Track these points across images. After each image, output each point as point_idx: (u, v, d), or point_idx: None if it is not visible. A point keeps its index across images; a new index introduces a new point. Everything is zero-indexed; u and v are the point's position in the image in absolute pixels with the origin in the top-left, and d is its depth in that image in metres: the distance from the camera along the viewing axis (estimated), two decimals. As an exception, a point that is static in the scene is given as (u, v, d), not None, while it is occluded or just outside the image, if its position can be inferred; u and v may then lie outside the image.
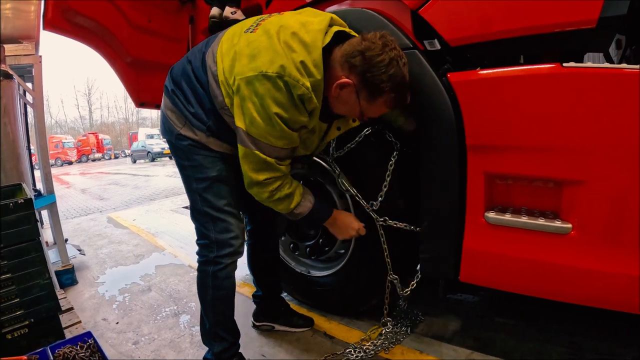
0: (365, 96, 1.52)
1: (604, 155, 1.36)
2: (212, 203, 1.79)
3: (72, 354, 1.86)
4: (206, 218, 1.80)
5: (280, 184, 1.67)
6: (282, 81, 1.44)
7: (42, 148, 3.41)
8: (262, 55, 1.47)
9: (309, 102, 1.51)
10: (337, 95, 1.56)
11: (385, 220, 1.97)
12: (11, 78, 3.15)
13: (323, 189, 2.26)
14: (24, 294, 1.99)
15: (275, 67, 1.43)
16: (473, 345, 2.03)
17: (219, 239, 1.80)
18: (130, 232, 5.29)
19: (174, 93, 1.75)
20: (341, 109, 1.64)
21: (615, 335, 1.99)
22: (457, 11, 1.57)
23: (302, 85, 1.45)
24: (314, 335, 2.27)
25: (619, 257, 1.40)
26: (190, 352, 2.21)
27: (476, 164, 1.60)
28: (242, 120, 1.53)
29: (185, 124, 1.73)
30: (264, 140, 1.54)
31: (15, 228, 1.97)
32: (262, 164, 1.60)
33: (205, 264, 1.85)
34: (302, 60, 1.45)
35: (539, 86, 1.42)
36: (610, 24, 1.32)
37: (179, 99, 1.73)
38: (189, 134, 1.73)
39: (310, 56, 1.46)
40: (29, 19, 3.35)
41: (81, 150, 37.34)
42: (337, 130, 1.87)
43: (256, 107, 1.49)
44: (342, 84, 1.51)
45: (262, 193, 1.68)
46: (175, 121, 1.75)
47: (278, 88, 1.45)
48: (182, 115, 1.73)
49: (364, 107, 1.56)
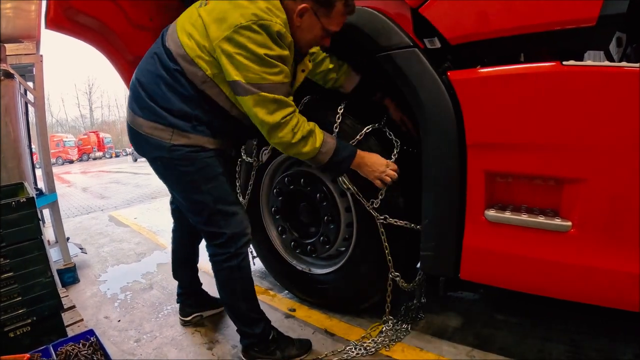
0: (323, 12, 1.71)
1: (604, 154, 1.36)
2: (225, 199, 1.87)
3: (74, 351, 1.87)
4: (220, 216, 1.86)
5: (297, 120, 1.74)
6: (257, 25, 1.58)
7: (44, 147, 3.42)
8: (230, 15, 1.60)
9: (285, 37, 1.66)
10: (300, 25, 1.73)
11: (385, 219, 1.98)
12: (12, 77, 3.16)
13: (324, 186, 2.26)
14: (26, 293, 2.00)
15: (248, 17, 1.57)
16: (473, 343, 2.03)
17: (236, 232, 1.88)
18: (131, 231, 5.30)
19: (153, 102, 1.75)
20: (307, 36, 1.78)
21: (615, 333, 1.99)
22: (458, 9, 1.57)
23: (276, 23, 1.61)
24: (314, 332, 2.27)
25: (619, 254, 1.40)
26: (192, 349, 2.22)
27: (476, 162, 1.61)
28: (237, 73, 1.62)
29: (173, 132, 1.74)
30: (264, 82, 1.63)
31: (17, 227, 1.97)
32: (274, 103, 1.67)
33: (228, 260, 1.89)
34: (266, 6, 1.62)
35: (539, 84, 1.43)
36: (611, 22, 1.33)
37: (158, 105, 1.74)
38: (182, 141, 1.76)
39: (270, 2, 1.64)
40: (30, 19, 3.36)
41: (82, 149, 37.35)
42: (302, 73, 1.97)
43: (245, 56, 1.59)
44: (300, 11, 1.69)
45: (285, 135, 1.72)
46: (162, 135, 1.76)
47: (257, 32, 1.58)
48: (167, 125, 1.74)
49: (325, 23, 1.74)
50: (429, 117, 1.69)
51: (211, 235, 1.92)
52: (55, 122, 57.35)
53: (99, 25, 2.74)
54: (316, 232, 2.38)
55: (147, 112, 1.77)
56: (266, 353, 2.00)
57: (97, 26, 2.75)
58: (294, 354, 2.02)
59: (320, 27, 1.74)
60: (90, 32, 2.80)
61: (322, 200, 2.26)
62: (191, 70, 1.69)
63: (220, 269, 1.94)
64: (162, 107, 1.74)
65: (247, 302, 2.00)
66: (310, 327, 2.35)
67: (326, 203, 2.25)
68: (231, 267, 1.91)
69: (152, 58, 1.80)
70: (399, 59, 1.72)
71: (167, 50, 1.74)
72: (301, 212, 2.46)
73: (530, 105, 1.45)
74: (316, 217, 2.37)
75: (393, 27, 1.74)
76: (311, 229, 2.45)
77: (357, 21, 1.81)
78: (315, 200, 2.30)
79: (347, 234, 2.27)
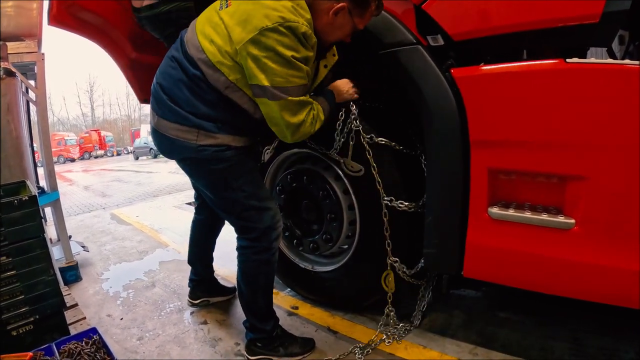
0: (358, 12, 1.70)
1: (607, 151, 1.36)
2: (256, 194, 1.89)
3: (77, 349, 1.87)
4: (252, 211, 1.88)
5: (314, 112, 1.77)
6: (284, 27, 1.55)
7: (46, 145, 3.43)
8: (254, 16, 1.58)
9: (310, 38, 1.64)
10: (333, 22, 1.72)
11: (391, 200, 1.99)
12: (14, 76, 3.15)
13: (327, 184, 2.26)
14: (29, 291, 2.00)
15: (274, 18, 1.55)
16: (476, 340, 2.03)
17: (268, 226, 1.89)
18: (133, 229, 5.30)
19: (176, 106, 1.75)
20: (337, 34, 1.78)
21: (618, 331, 1.98)
22: (460, 5, 1.57)
23: (302, 24, 1.59)
24: (317, 330, 2.27)
25: (622, 252, 1.40)
26: (195, 347, 2.22)
27: (480, 159, 1.61)
28: (265, 77, 1.60)
29: (198, 133, 1.75)
30: (290, 85, 1.63)
31: (20, 225, 1.97)
32: (298, 105, 1.69)
33: (258, 254, 1.91)
34: (292, 5, 1.61)
35: (542, 82, 1.43)
36: (614, 19, 1.33)
37: (182, 109, 1.74)
38: (208, 141, 1.76)
39: (296, 1, 1.63)
40: (32, 17, 3.36)
41: (83, 147, 37.42)
42: (324, 69, 1.99)
43: (272, 59, 1.58)
44: (337, 10, 1.68)
45: (306, 129, 1.75)
46: (187, 136, 1.76)
47: (283, 34, 1.56)
48: (192, 126, 1.74)
49: (357, 22, 1.73)
50: (432, 115, 1.69)
51: (243, 230, 1.93)
52: (56, 120, 57.48)
53: (102, 22, 2.74)
54: (319, 230, 2.38)
55: (171, 114, 1.77)
56: (269, 349, 2.00)
57: (100, 23, 2.75)
58: (297, 352, 2.02)
59: (351, 25, 1.74)
60: (93, 29, 2.80)
61: (324, 198, 2.26)
62: (213, 76, 1.68)
63: (248, 261, 1.95)
64: (186, 111, 1.74)
65: (266, 297, 2.01)
66: (312, 324, 2.34)
67: (329, 201, 2.25)
68: (260, 261, 1.92)
69: (172, 62, 1.80)
70: (403, 57, 1.72)
71: (188, 56, 1.73)
72: (304, 209, 2.46)
73: (534, 102, 1.44)
74: (319, 214, 2.37)
75: (396, 24, 1.74)
76: (314, 226, 2.45)
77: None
78: (317, 197, 2.30)
79: (350, 231, 2.26)
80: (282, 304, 2.61)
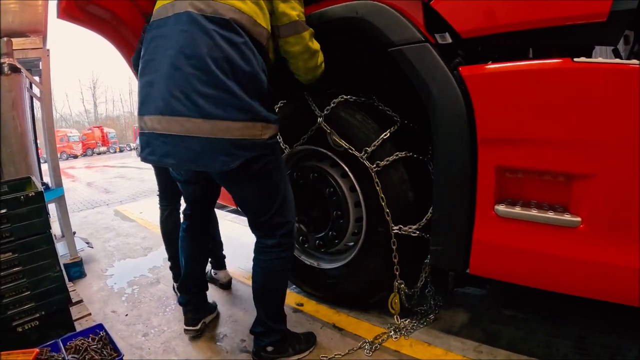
0: None
1: (614, 150, 1.36)
2: (288, 184, 1.90)
3: (84, 346, 1.88)
4: (286, 204, 1.86)
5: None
6: None
7: (50, 141, 3.42)
8: None
9: None
10: None
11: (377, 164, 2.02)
12: (19, 72, 3.16)
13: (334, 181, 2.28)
14: (34, 287, 2.01)
15: None
16: (481, 338, 2.04)
17: (294, 220, 1.92)
18: (137, 225, 5.31)
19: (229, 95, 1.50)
20: None
21: (622, 329, 1.99)
22: (469, 3, 1.57)
23: None
24: (322, 327, 2.28)
25: (628, 250, 1.40)
26: (200, 343, 2.23)
27: (487, 157, 1.60)
28: (294, 13, 1.74)
29: (262, 125, 1.58)
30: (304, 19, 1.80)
31: (26, 221, 1.98)
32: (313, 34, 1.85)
33: (286, 251, 1.89)
34: None
35: (550, 80, 1.42)
36: (621, 18, 1.32)
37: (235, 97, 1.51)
38: (270, 132, 1.63)
39: None
40: (37, 13, 3.35)
41: (86, 143, 37.36)
42: None
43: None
44: None
45: (320, 57, 1.92)
46: (253, 131, 1.56)
47: None
48: (255, 117, 1.55)
49: None
50: (440, 113, 1.69)
51: (276, 226, 1.84)
52: (59, 117, 57.32)
53: (110, 15, 2.75)
54: (325, 227, 2.38)
55: (222, 109, 1.50)
56: (280, 352, 1.96)
57: (108, 17, 2.77)
58: (303, 348, 2.02)
59: None
60: (101, 23, 2.81)
61: (331, 195, 2.26)
62: (258, 30, 1.62)
63: (275, 259, 1.86)
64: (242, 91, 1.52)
65: (283, 298, 1.98)
66: (318, 321, 2.35)
67: (335, 198, 2.26)
68: (287, 258, 1.90)
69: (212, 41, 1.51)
70: (411, 54, 1.72)
71: (222, 22, 1.52)
72: (310, 207, 2.46)
73: (541, 101, 1.44)
74: (325, 212, 2.37)
75: (404, 22, 1.73)
76: (320, 223, 2.45)
77: (369, 16, 1.80)
78: (324, 195, 2.30)
79: (356, 228, 2.27)
80: (288, 301, 2.58)
